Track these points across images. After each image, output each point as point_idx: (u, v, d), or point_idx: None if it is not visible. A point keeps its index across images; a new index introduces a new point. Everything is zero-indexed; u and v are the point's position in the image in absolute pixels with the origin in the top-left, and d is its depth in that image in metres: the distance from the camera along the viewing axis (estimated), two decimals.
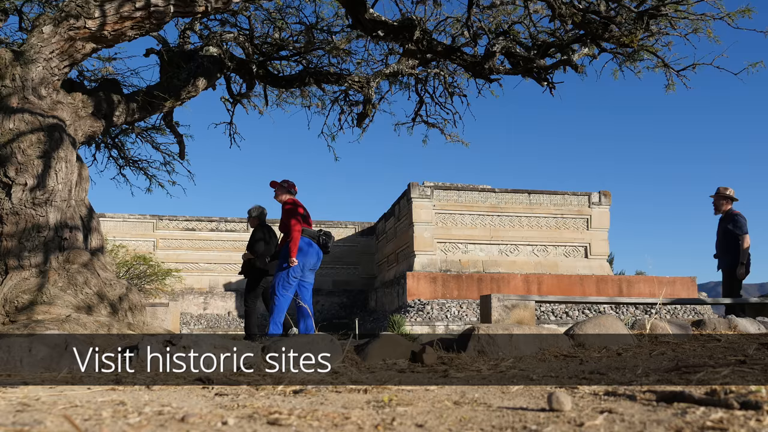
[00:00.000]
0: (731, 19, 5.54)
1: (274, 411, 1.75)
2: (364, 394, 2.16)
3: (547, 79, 6.60)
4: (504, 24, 6.84)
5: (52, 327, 3.70)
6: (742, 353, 3.20)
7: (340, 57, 7.38)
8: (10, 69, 4.64)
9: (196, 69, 6.31)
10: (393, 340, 3.42)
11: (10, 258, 4.35)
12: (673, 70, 6.51)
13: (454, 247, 15.87)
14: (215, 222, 20.14)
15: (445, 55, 6.68)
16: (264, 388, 2.28)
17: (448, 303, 14.16)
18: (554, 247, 16.23)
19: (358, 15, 6.02)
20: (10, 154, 4.46)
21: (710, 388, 1.92)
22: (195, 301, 18.83)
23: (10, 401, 1.89)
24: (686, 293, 15.72)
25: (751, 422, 1.45)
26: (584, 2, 5.83)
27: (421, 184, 16.00)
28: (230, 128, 8.46)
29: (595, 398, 1.94)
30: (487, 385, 2.35)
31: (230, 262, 19.95)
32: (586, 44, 6.50)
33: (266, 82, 7.47)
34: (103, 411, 1.72)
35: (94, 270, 4.71)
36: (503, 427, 1.53)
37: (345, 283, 20.32)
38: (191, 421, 1.59)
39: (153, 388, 2.26)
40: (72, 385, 2.33)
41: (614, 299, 6.21)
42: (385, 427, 1.55)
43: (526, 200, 16.46)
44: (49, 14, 4.92)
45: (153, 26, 4.99)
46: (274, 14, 6.96)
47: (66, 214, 4.68)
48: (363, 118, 7.64)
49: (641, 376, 2.46)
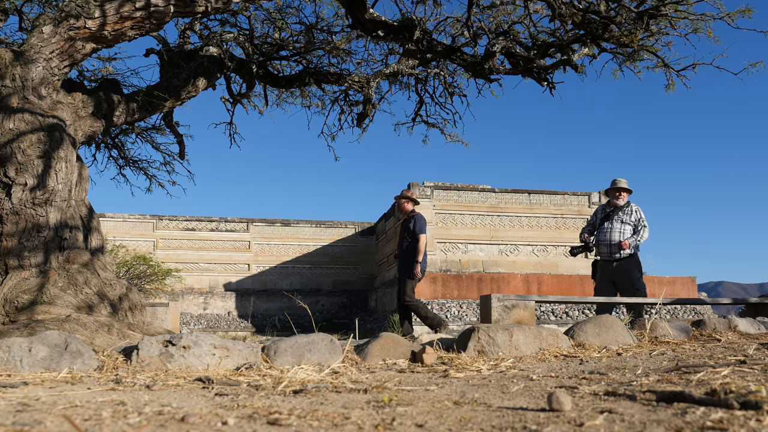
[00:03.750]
0: (731, 19, 5.55)
1: (274, 411, 1.75)
2: (364, 394, 2.16)
3: (547, 79, 6.61)
4: (504, 24, 6.85)
5: (52, 327, 3.70)
6: (742, 353, 3.20)
7: (340, 57, 7.38)
8: (10, 69, 4.64)
9: (196, 69, 6.31)
10: (393, 340, 3.42)
11: (10, 258, 4.35)
12: (673, 70, 6.51)
13: (454, 247, 15.87)
14: (215, 222, 20.14)
15: (445, 55, 6.68)
16: (264, 388, 2.28)
17: (448, 303, 14.16)
18: (554, 247, 16.23)
19: (358, 15, 6.02)
20: (10, 154, 4.46)
21: (710, 388, 1.92)
22: (195, 301, 18.83)
23: (10, 401, 1.89)
24: (686, 293, 15.72)
25: (751, 422, 1.45)
26: (584, 2, 5.83)
27: (421, 184, 16.00)
28: (230, 128, 8.47)
29: (595, 398, 1.94)
30: (487, 385, 2.35)
31: (230, 262, 19.97)
32: (586, 44, 6.50)
33: (266, 82, 7.47)
34: (103, 411, 1.72)
35: (95, 270, 4.71)
36: (503, 427, 1.53)
37: (345, 283, 20.33)
38: (191, 421, 1.59)
39: (153, 388, 2.26)
40: (72, 385, 2.33)
41: (614, 299, 6.21)
42: (385, 427, 1.55)
43: (526, 200, 16.47)
44: (49, 14, 4.92)
45: (153, 26, 4.98)
46: (274, 14, 6.96)
47: (66, 214, 4.67)
48: (363, 118, 7.64)
49: (641, 376, 2.46)
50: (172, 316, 9.59)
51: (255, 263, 20.20)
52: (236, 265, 20.04)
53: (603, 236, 6.51)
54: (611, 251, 6.42)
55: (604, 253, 6.51)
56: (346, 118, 8.31)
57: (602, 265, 6.59)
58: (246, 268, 20.10)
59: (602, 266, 6.58)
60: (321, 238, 20.72)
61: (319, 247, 20.63)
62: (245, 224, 20.36)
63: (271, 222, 20.57)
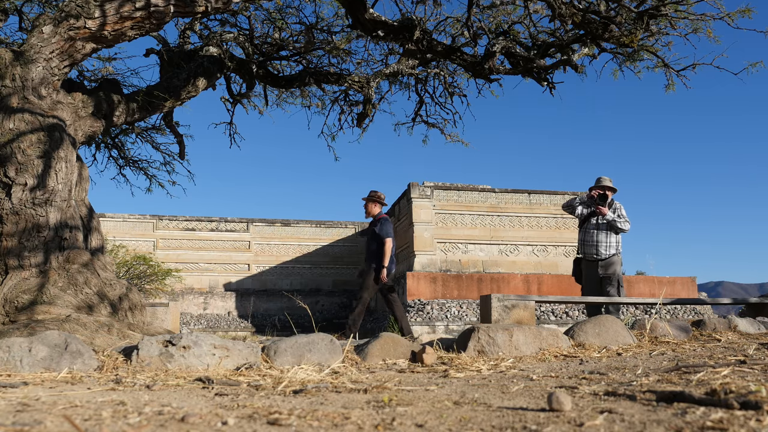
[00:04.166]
0: (731, 19, 5.55)
1: (274, 411, 1.75)
2: (364, 394, 2.16)
3: (547, 79, 6.61)
4: (504, 24, 6.85)
5: (52, 327, 3.70)
6: (742, 353, 3.20)
7: (340, 57, 7.38)
8: (10, 69, 4.64)
9: (196, 69, 6.31)
10: (393, 340, 3.42)
11: (10, 258, 4.35)
12: (673, 70, 6.51)
13: (454, 247, 15.87)
14: (215, 222, 20.15)
15: (445, 55, 6.68)
16: (264, 388, 2.28)
17: (448, 303, 14.16)
18: (554, 247, 16.23)
19: (358, 15, 6.02)
20: (10, 154, 4.46)
21: (710, 388, 1.92)
22: (195, 301, 18.83)
23: (10, 401, 1.89)
24: (686, 293, 15.72)
25: (751, 422, 1.45)
26: (584, 2, 5.83)
27: (421, 184, 16.00)
28: (230, 128, 8.47)
29: (595, 398, 1.94)
30: (487, 385, 2.35)
31: (230, 262, 19.97)
32: (586, 44, 6.50)
33: (266, 82, 7.47)
34: (103, 411, 1.72)
35: (95, 270, 4.71)
36: (503, 427, 1.53)
37: (345, 283, 20.33)
38: (191, 421, 1.59)
39: (153, 388, 2.26)
40: (72, 385, 2.33)
41: (614, 299, 6.21)
42: (385, 427, 1.55)
43: (526, 200, 16.46)
44: (49, 14, 4.92)
45: (153, 26, 4.98)
46: (274, 14, 6.96)
47: (66, 214, 4.67)
48: (363, 118, 7.64)
49: (641, 376, 2.46)
50: (172, 316, 9.59)
51: (255, 263, 20.20)
52: (236, 265, 20.05)
53: (589, 237, 6.51)
54: (598, 251, 6.42)
55: (588, 253, 6.51)
56: (346, 118, 8.31)
57: (586, 264, 6.58)
58: (246, 268, 20.10)
59: (587, 266, 6.58)
60: (321, 238, 20.72)
61: (319, 247, 20.64)
62: (245, 224, 20.36)
63: (271, 222, 20.58)
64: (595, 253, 6.44)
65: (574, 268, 6.80)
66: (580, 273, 6.73)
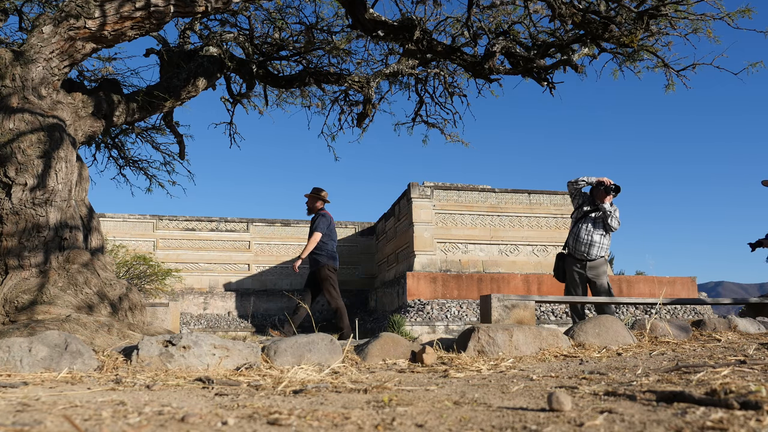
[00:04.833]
0: (731, 19, 5.55)
1: (274, 411, 1.75)
2: (364, 394, 2.16)
3: (547, 79, 6.60)
4: (504, 24, 6.85)
5: (52, 327, 3.70)
6: (742, 353, 3.20)
7: (340, 57, 7.38)
8: (10, 69, 4.64)
9: (196, 69, 6.32)
10: (393, 340, 3.42)
11: (10, 258, 4.35)
12: (673, 70, 6.51)
13: (454, 247, 15.88)
14: (215, 222, 20.15)
15: (445, 55, 6.68)
16: (264, 388, 2.28)
17: (448, 303, 14.16)
18: (554, 247, 16.23)
19: (358, 15, 6.02)
20: (10, 154, 4.46)
21: (710, 388, 1.92)
22: (195, 301, 18.83)
23: (10, 401, 1.89)
24: (686, 293, 15.73)
25: (751, 422, 1.45)
26: (584, 2, 5.83)
27: (421, 184, 16.00)
28: (230, 128, 8.47)
29: (595, 398, 1.94)
30: (487, 385, 2.35)
31: (230, 262, 19.97)
32: (586, 44, 6.50)
33: (266, 82, 7.47)
34: (103, 411, 1.72)
35: (95, 270, 4.71)
36: (503, 427, 1.53)
37: (345, 283, 20.34)
38: (191, 421, 1.59)
39: (153, 388, 2.26)
40: (72, 385, 2.33)
41: (614, 299, 6.21)
42: (385, 427, 1.55)
43: (526, 200, 16.47)
44: (49, 14, 4.92)
45: (153, 26, 4.99)
46: (274, 14, 6.96)
47: (66, 214, 4.67)
48: (363, 118, 7.64)
49: (641, 376, 2.46)
50: (172, 316, 9.59)
51: (255, 263, 20.20)
52: (236, 265, 20.05)
53: (584, 234, 6.47)
54: (589, 251, 6.40)
55: (578, 251, 6.47)
56: (346, 118, 8.31)
57: (572, 262, 6.53)
58: (246, 268, 20.11)
59: (572, 263, 6.53)
60: None
61: None
62: (245, 224, 20.37)
63: (271, 222, 20.58)
64: (586, 252, 6.40)
65: (557, 264, 6.72)
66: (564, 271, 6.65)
